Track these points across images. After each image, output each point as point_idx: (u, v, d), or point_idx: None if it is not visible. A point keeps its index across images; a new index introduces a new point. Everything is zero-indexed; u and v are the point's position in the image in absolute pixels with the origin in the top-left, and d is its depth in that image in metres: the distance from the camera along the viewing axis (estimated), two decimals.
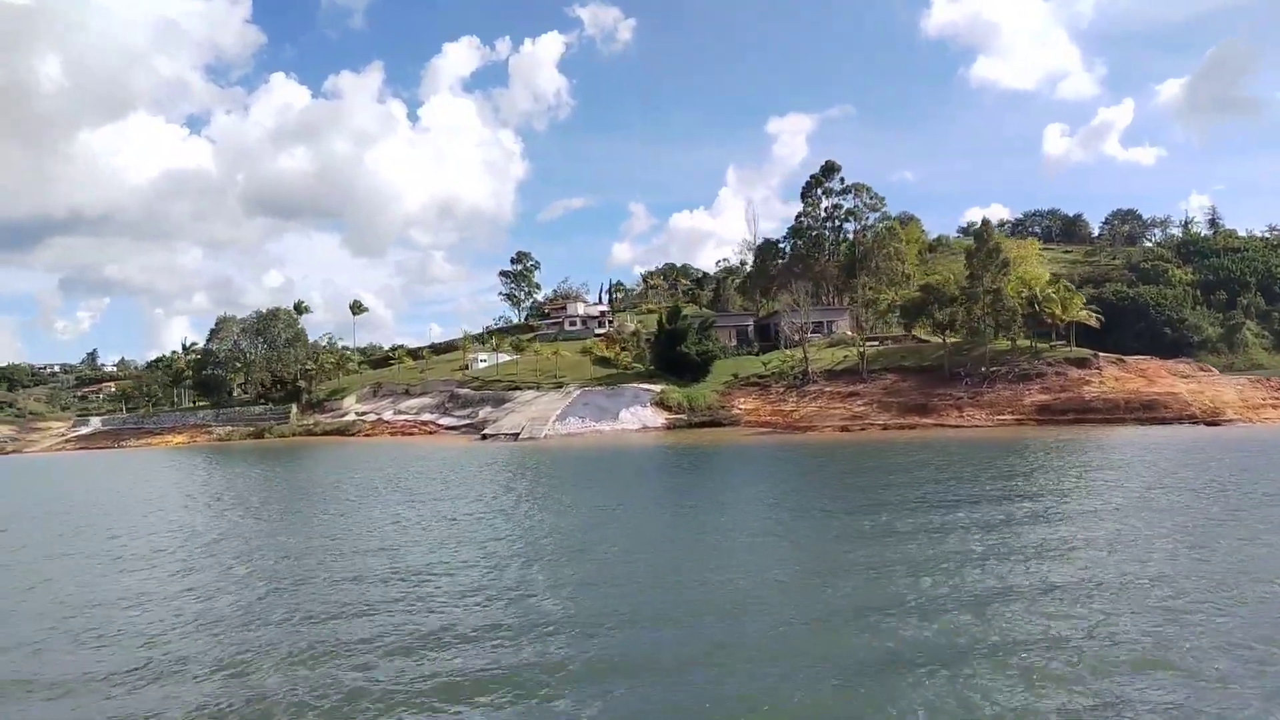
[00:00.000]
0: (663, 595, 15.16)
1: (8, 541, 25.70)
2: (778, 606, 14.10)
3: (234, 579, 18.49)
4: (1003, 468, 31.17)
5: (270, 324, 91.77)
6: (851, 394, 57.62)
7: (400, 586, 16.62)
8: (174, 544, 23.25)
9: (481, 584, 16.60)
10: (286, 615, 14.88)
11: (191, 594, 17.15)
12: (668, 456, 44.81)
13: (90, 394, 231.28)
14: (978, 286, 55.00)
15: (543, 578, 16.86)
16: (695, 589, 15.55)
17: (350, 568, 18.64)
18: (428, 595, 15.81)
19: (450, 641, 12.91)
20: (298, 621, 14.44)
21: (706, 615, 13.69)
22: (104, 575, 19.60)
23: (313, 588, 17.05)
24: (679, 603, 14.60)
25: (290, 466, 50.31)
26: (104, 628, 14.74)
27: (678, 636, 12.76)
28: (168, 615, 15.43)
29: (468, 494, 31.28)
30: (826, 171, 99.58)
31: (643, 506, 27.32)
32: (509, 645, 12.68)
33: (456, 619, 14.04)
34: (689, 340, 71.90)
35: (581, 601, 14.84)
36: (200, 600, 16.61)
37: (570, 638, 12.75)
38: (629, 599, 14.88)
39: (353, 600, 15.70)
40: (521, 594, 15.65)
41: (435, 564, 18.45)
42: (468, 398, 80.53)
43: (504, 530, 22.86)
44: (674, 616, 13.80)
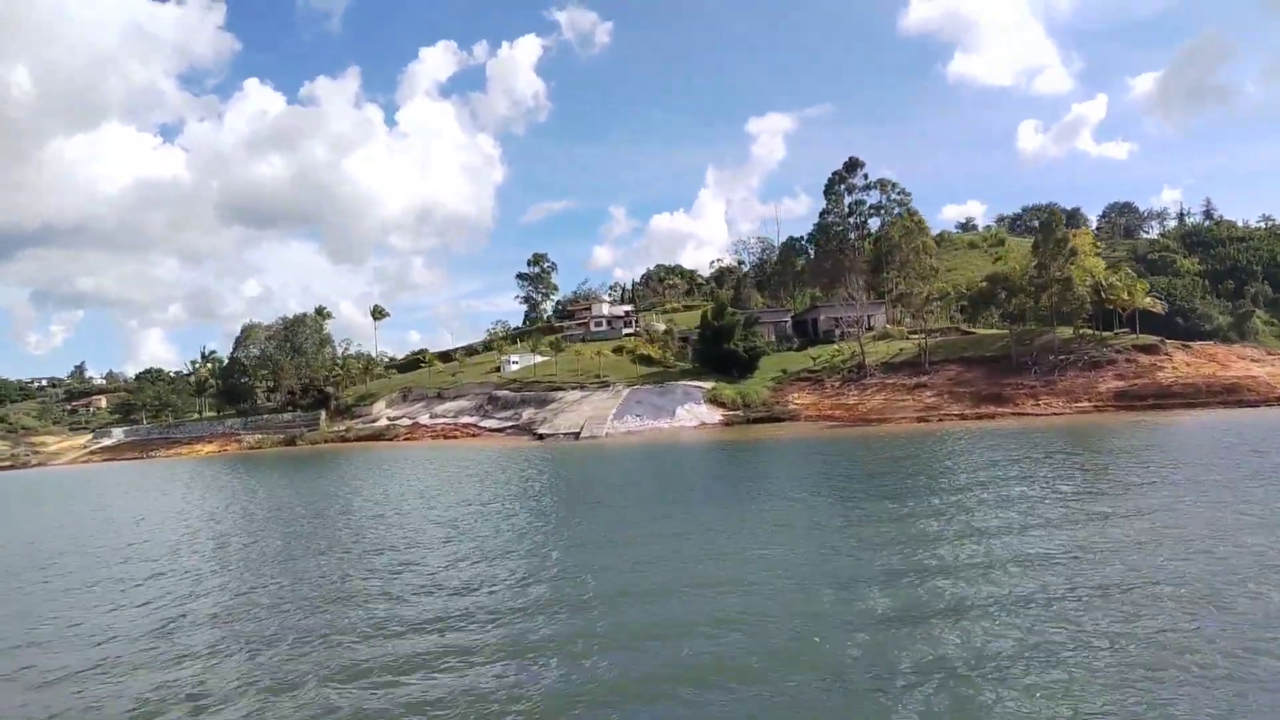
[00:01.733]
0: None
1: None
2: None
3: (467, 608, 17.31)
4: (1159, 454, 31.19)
5: (297, 330, 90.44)
6: (918, 386, 57.68)
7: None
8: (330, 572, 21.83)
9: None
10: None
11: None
12: (751, 452, 44.34)
13: (80, 407, 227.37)
14: (1045, 276, 55.30)
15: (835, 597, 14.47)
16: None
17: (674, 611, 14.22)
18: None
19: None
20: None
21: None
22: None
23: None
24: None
25: (371, 475, 49.20)
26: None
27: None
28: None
29: (645, 498, 28.27)
30: (849, 168, 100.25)
31: (801, 511, 23.17)
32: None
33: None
34: (735, 337, 71.75)
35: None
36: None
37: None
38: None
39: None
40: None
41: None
42: (508, 399, 79.74)
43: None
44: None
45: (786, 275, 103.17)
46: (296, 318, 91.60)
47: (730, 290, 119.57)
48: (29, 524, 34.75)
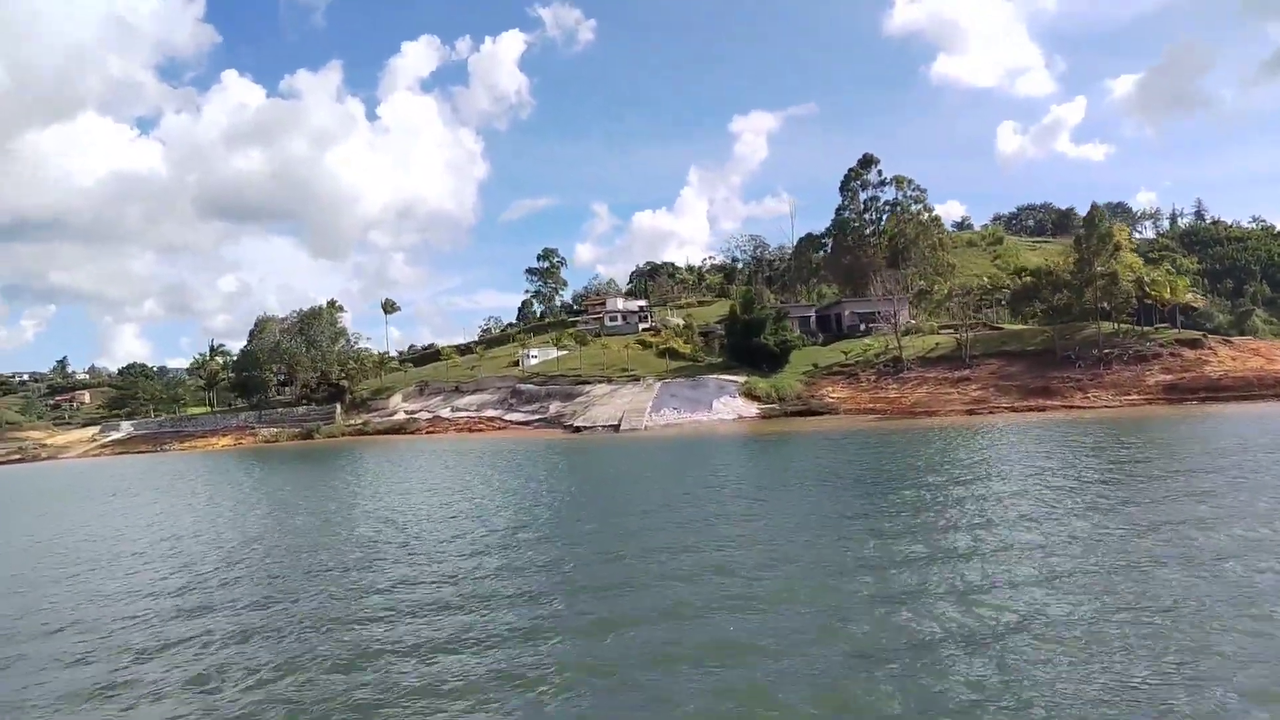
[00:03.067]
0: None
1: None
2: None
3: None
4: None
5: (312, 323, 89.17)
6: (961, 379, 57.88)
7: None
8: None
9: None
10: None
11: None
12: (811, 444, 44.09)
13: (63, 402, 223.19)
14: (1088, 271, 55.74)
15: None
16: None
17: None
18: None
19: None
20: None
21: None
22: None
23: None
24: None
25: (431, 469, 48.47)
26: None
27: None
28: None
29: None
30: (864, 164, 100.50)
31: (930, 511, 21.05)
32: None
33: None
34: (766, 331, 71.67)
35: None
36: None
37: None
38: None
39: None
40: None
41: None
42: (532, 393, 79.12)
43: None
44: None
45: (802, 271, 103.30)
46: (312, 310, 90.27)
47: (742, 285, 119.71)
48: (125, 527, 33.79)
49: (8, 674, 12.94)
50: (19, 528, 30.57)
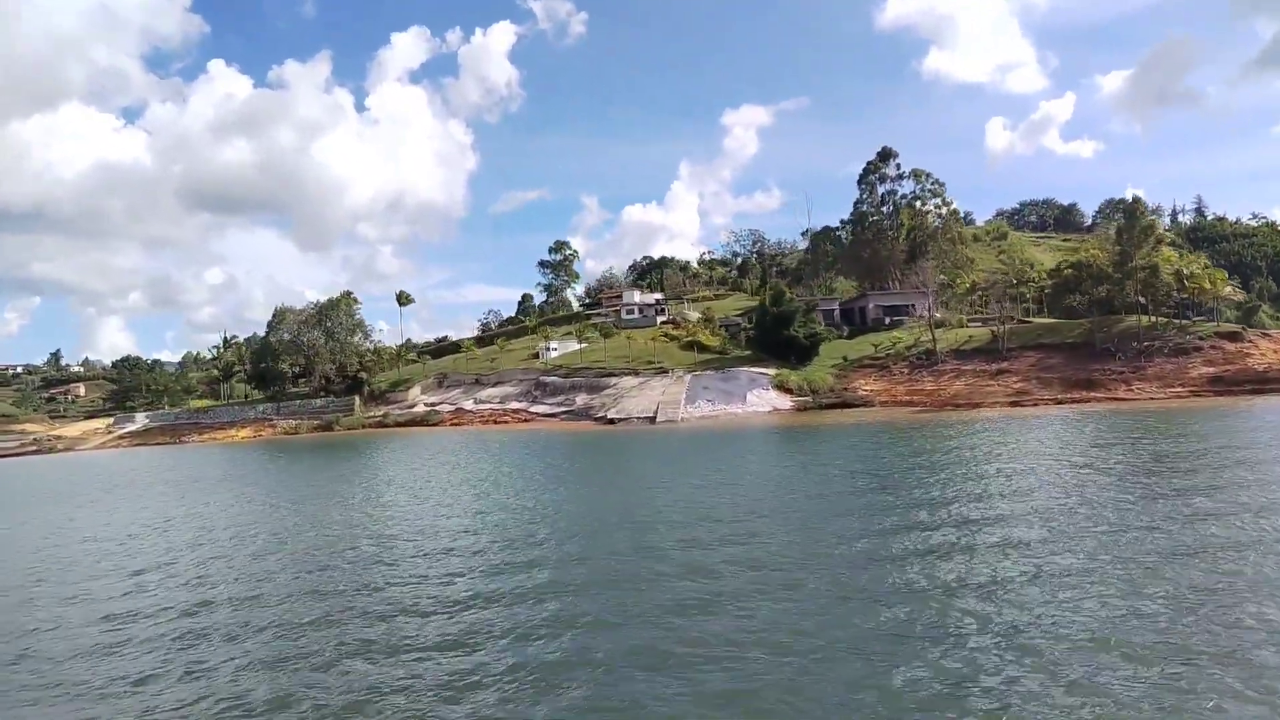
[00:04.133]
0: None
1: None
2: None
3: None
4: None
5: (330, 314, 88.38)
6: (1001, 371, 57.98)
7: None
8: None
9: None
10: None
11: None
12: (863, 436, 43.98)
13: (58, 395, 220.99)
14: (1129, 264, 55.90)
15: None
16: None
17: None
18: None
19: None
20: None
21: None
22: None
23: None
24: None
25: (473, 463, 47.99)
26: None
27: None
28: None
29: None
30: (883, 157, 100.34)
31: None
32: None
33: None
34: (795, 323, 71.56)
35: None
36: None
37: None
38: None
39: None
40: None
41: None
42: (557, 385, 78.74)
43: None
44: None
45: (817, 264, 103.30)
46: (330, 301, 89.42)
47: (755, 280, 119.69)
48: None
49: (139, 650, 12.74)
50: (98, 520, 30.03)
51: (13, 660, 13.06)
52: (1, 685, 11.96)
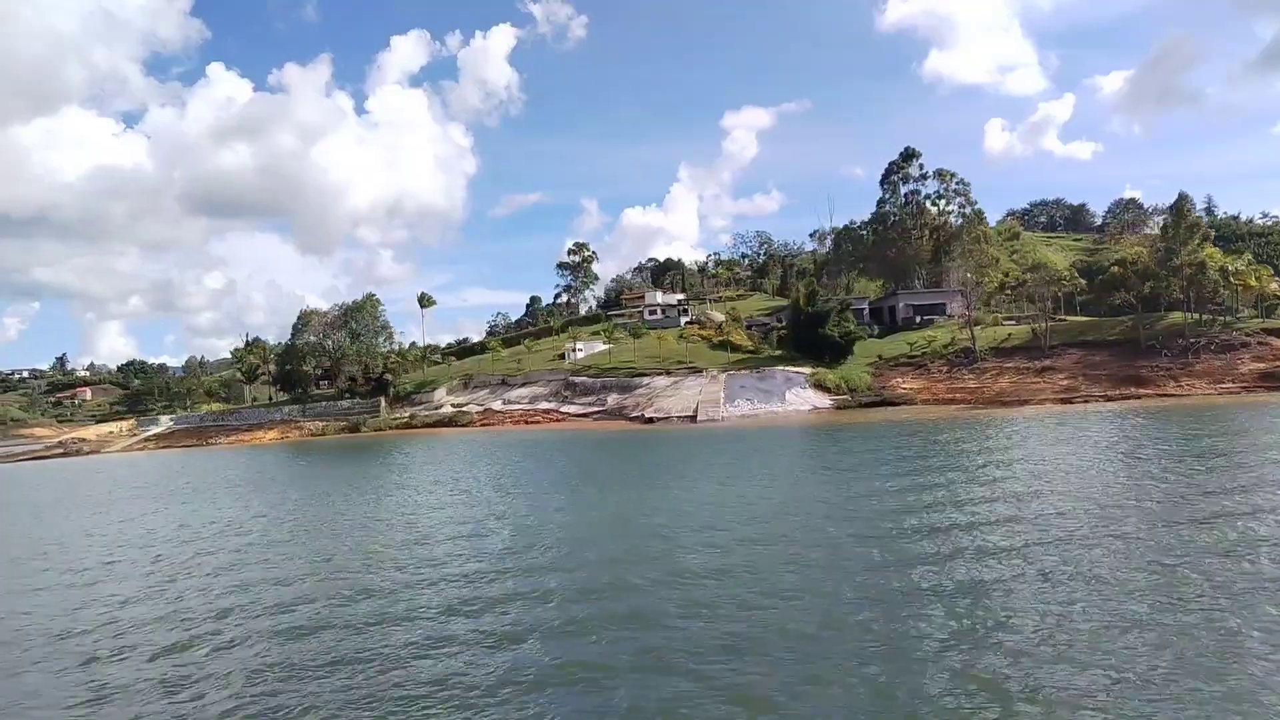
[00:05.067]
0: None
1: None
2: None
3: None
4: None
5: (356, 316, 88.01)
6: (1046, 369, 57.86)
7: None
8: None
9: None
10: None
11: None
12: (930, 432, 43.82)
13: (65, 399, 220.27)
14: (1175, 260, 55.83)
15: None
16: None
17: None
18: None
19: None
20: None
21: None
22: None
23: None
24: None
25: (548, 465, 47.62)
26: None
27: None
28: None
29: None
30: (906, 157, 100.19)
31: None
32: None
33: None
34: (830, 323, 71.36)
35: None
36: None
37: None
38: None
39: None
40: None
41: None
42: (587, 385, 78.47)
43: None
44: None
45: (840, 264, 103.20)
46: (355, 303, 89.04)
47: (775, 280, 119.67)
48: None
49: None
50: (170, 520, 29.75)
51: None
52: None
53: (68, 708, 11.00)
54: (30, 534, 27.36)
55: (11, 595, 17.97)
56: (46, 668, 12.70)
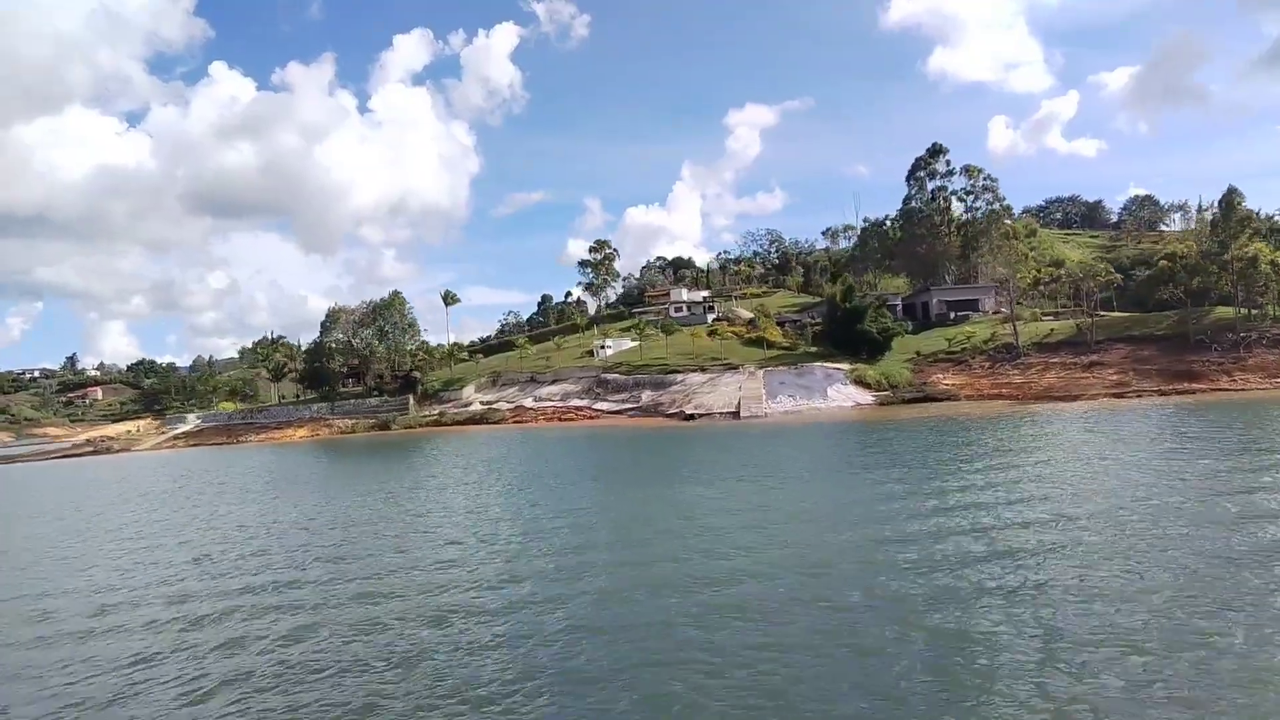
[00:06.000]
0: None
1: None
2: None
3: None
4: None
5: (384, 314, 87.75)
6: (1094, 364, 57.49)
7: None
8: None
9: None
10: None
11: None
12: (999, 428, 43.53)
13: (75, 399, 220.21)
14: (1226, 255, 55.46)
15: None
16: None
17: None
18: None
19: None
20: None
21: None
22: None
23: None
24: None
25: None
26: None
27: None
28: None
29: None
30: (932, 153, 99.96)
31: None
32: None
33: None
34: (867, 319, 71.03)
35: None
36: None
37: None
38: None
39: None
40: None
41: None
42: (619, 382, 78.17)
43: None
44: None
45: (866, 261, 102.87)
46: (383, 301, 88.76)
47: (799, 277, 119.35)
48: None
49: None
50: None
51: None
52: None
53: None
54: (147, 528, 27.13)
55: (154, 585, 17.73)
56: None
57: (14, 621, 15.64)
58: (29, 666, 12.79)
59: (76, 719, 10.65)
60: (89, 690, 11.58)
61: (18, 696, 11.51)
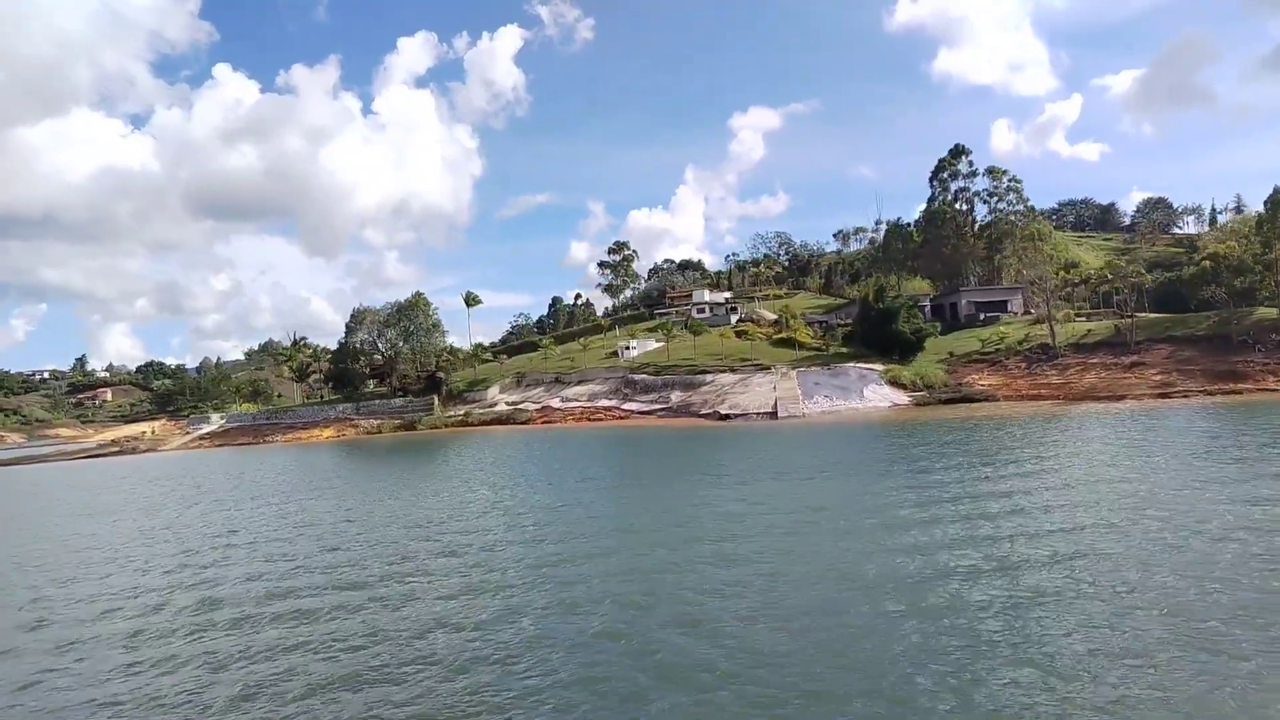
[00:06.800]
0: None
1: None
2: None
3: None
4: None
5: (410, 314, 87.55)
6: (1135, 364, 57.23)
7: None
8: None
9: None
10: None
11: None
12: (1061, 426, 43.29)
13: (86, 400, 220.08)
14: (1271, 254, 55.24)
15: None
16: None
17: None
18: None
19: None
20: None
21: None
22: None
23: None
24: None
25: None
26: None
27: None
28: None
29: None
30: (955, 154, 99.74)
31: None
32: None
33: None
34: (900, 320, 70.79)
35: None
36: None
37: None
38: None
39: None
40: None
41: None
42: (647, 383, 77.93)
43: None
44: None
45: (889, 262, 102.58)
46: (409, 302, 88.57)
47: (821, 279, 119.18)
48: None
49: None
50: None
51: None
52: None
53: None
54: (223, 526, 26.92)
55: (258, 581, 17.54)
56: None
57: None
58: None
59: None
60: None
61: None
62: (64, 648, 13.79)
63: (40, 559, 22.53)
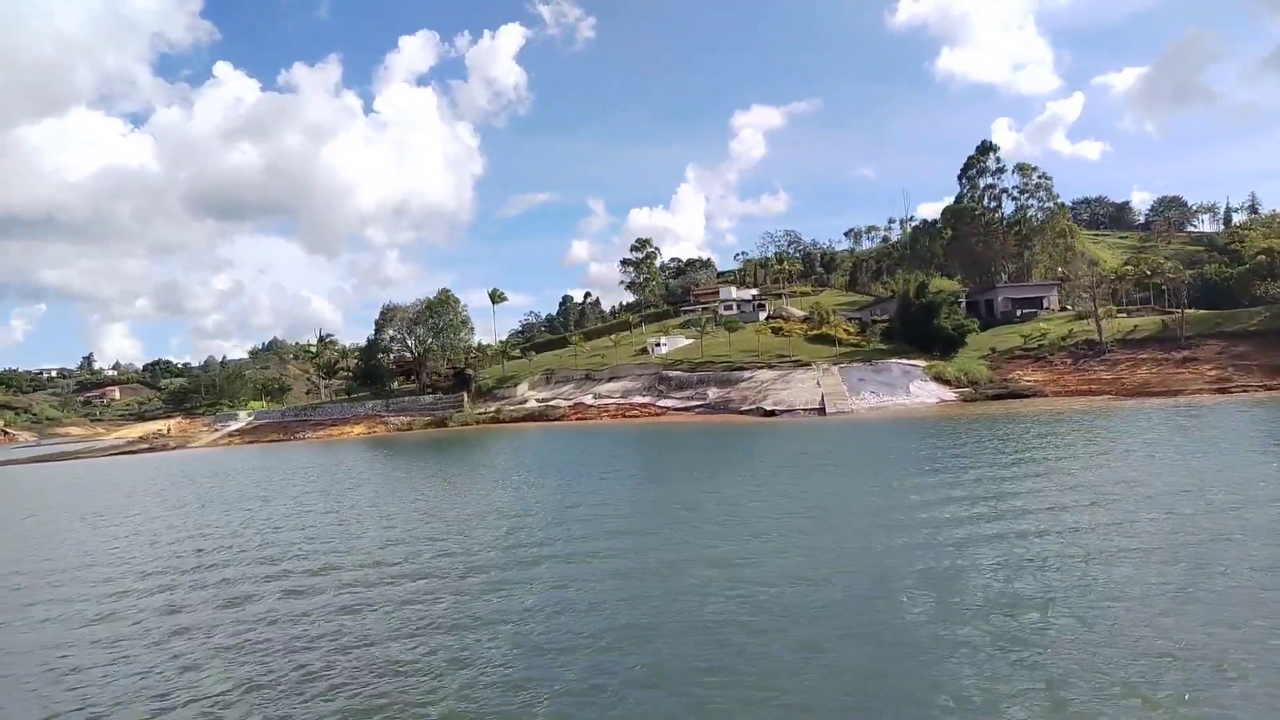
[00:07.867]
0: None
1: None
2: None
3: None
4: None
5: (439, 311, 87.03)
6: (1187, 359, 56.81)
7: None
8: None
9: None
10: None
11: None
12: (1138, 422, 42.81)
13: (93, 398, 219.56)
14: None
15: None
16: None
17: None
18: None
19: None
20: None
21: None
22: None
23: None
24: None
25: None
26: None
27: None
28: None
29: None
30: (983, 151, 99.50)
31: None
32: None
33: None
34: (942, 315, 70.36)
35: None
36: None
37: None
38: None
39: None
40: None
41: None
42: (682, 379, 77.41)
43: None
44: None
45: (918, 259, 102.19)
46: (438, 298, 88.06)
47: (845, 276, 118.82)
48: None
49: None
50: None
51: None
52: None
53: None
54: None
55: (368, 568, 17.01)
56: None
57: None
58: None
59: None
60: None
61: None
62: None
63: (215, 548, 21.76)
